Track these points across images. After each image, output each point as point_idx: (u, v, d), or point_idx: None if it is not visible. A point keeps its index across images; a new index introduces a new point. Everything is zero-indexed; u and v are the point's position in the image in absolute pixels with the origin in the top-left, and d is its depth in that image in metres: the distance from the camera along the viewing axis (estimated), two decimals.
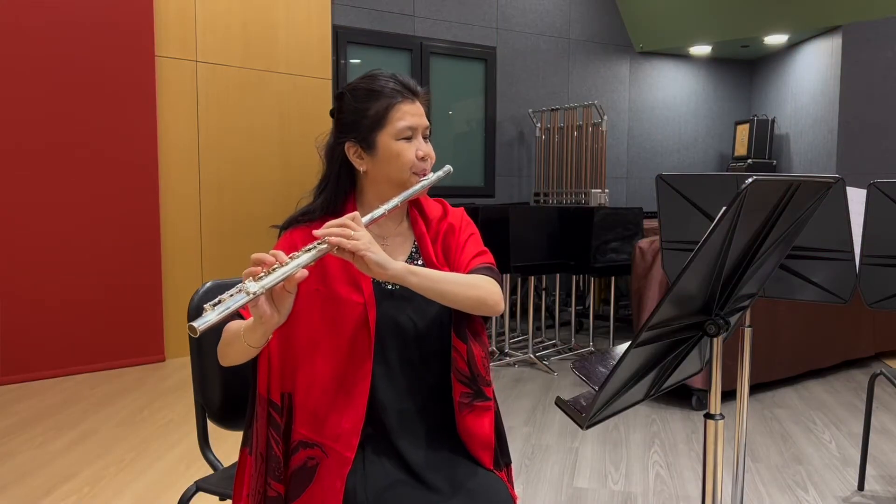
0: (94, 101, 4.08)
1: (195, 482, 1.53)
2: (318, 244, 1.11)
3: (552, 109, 6.39)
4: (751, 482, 2.67)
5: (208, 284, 1.58)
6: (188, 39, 4.48)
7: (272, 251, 1.10)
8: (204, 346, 1.54)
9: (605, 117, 6.16)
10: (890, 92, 5.78)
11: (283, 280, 1.06)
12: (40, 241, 3.95)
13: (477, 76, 6.42)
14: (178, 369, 4.21)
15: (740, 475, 2.02)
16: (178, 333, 4.43)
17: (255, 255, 1.09)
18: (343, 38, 5.68)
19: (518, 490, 2.59)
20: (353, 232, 1.12)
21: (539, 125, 6.49)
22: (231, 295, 1.02)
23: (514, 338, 5.02)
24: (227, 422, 1.57)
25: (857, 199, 1.88)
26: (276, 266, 1.07)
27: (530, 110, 6.54)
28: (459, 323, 1.29)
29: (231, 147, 4.70)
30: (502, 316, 4.85)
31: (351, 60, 5.77)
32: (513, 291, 5.31)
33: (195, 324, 0.96)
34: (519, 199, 6.66)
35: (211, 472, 1.58)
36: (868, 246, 1.90)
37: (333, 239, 1.11)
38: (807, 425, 3.31)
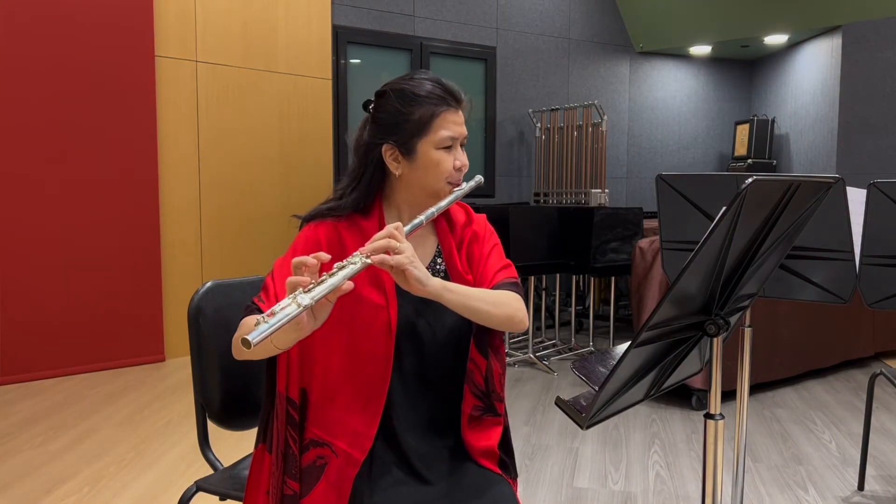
0: (93, 101, 4.08)
1: (195, 482, 1.53)
2: (363, 257, 1.09)
3: (552, 109, 6.39)
4: (751, 482, 2.67)
5: (208, 284, 1.58)
6: (188, 39, 4.48)
7: (315, 254, 1.07)
8: (204, 346, 1.54)
9: (605, 117, 6.16)
10: (890, 92, 5.78)
11: (330, 292, 1.05)
12: (40, 240, 3.95)
13: (477, 76, 6.42)
14: (178, 369, 4.21)
15: (740, 475, 2.02)
16: (178, 333, 4.43)
17: (296, 260, 1.06)
18: (343, 38, 5.68)
19: (518, 489, 2.59)
20: (397, 244, 1.11)
21: (539, 125, 6.49)
22: (283, 307, 1.01)
23: (514, 338, 5.02)
24: (227, 422, 1.57)
25: (857, 199, 1.88)
26: (324, 277, 1.05)
27: (530, 110, 6.54)
28: (481, 337, 1.28)
29: (231, 147, 4.70)
30: None
31: (351, 60, 5.77)
32: None
33: (249, 337, 0.95)
34: (519, 199, 6.66)
35: (211, 472, 1.58)
36: (868, 246, 1.90)
37: (378, 257, 1.09)
38: (807, 425, 3.31)
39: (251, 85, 4.77)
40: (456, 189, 1.29)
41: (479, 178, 1.38)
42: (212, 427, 1.58)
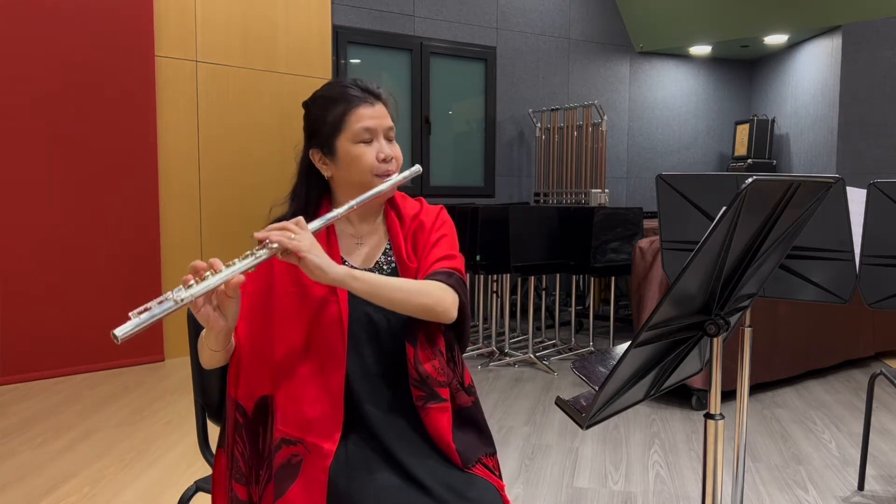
0: (94, 101, 4.08)
1: (195, 482, 1.53)
2: (258, 251, 1.13)
3: (552, 109, 6.39)
4: (751, 482, 2.67)
5: None
6: (188, 39, 4.48)
7: (211, 259, 1.11)
8: None
9: (605, 117, 6.16)
10: (890, 92, 5.78)
11: (213, 288, 1.08)
12: (40, 240, 3.95)
13: (477, 76, 6.42)
14: (178, 369, 4.21)
15: (740, 475, 2.02)
16: (178, 333, 4.43)
17: (192, 264, 1.11)
18: (343, 38, 5.68)
19: (518, 490, 2.59)
20: (292, 234, 1.14)
21: (539, 125, 6.49)
22: (159, 302, 1.03)
23: (514, 338, 5.02)
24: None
25: (857, 199, 1.88)
26: (208, 274, 1.09)
27: (530, 110, 6.54)
28: (410, 327, 1.30)
29: (231, 147, 4.70)
30: (502, 316, 4.85)
31: (351, 60, 5.77)
32: (513, 291, 5.31)
33: (117, 332, 0.97)
34: (519, 199, 6.66)
35: (211, 472, 1.58)
36: (868, 246, 1.90)
37: (275, 236, 1.13)
38: (807, 425, 3.31)
39: (251, 85, 4.77)
40: (386, 180, 1.31)
41: (416, 167, 1.41)
42: (212, 427, 1.58)
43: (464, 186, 6.39)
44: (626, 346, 0.94)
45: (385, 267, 1.37)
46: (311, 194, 1.37)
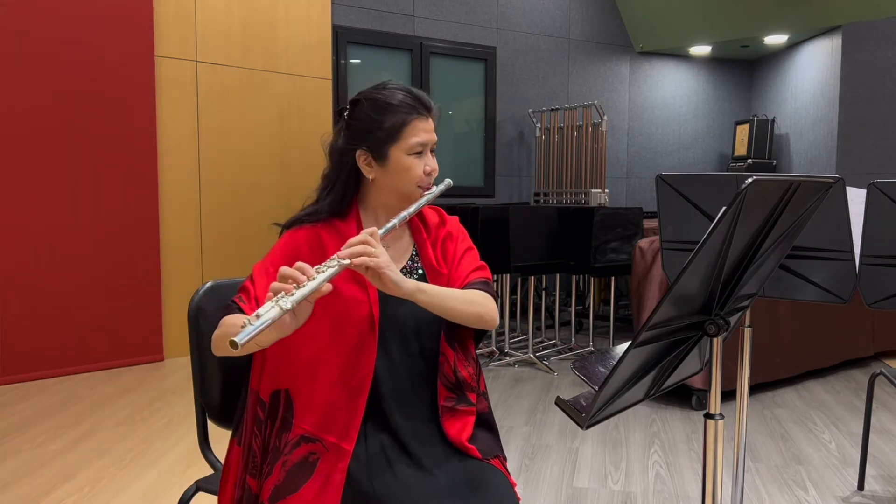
0: (93, 101, 4.08)
1: (195, 482, 1.53)
2: (340, 260, 1.16)
3: (552, 109, 6.39)
4: (751, 482, 2.67)
5: (208, 284, 1.58)
6: (188, 39, 4.48)
7: (298, 264, 1.13)
8: (204, 346, 1.54)
9: (605, 117, 6.16)
10: (890, 92, 5.78)
11: (309, 294, 1.12)
12: (40, 240, 3.95)
13: (477, 76, 6.42)
14: (178, 369, 4.21)
15: (740, 475, 2.02)
16: (178, 333, 4.43)
17: (283, 270, 1.12)
18: (343, 38, 5.68)
19: (518, 490, 2.59)
20: (373, 249, 1.18)
21: (539, 125, 6.49)
22: (267, 311, 1.08)
23: (514, 338, 5.02)
24: (227, 421, 1.57)
25: (857, 199, 1.88)
26: (304, 282, 1.12)
27: (530, 110, 6.54)
28: (450, 331, 1.34)
29: (231, 147, 4.70)
30: (502, 316, 4.85)
31: (351, 60, 5.77)
32: (513, 291, 5.30)
33: (236, 339, 1.03)
34: (519, 199, 6.66)
35: (211, 472, 1.58)
36: (868, 246, 1.90)
37: (358, 260, 1.16)
38: (807, 425, 3.31)
39: (251, 85, 4.77)
40: (426, 192, 1.36)
41: (448, 181, 1.46)
42: (212, 427, 1.58)
43: (464, 186, 6.39)
44: (626, 346, 0.94)
45: (411, 273, 1.40)
46: (348, 192, 1.38)
